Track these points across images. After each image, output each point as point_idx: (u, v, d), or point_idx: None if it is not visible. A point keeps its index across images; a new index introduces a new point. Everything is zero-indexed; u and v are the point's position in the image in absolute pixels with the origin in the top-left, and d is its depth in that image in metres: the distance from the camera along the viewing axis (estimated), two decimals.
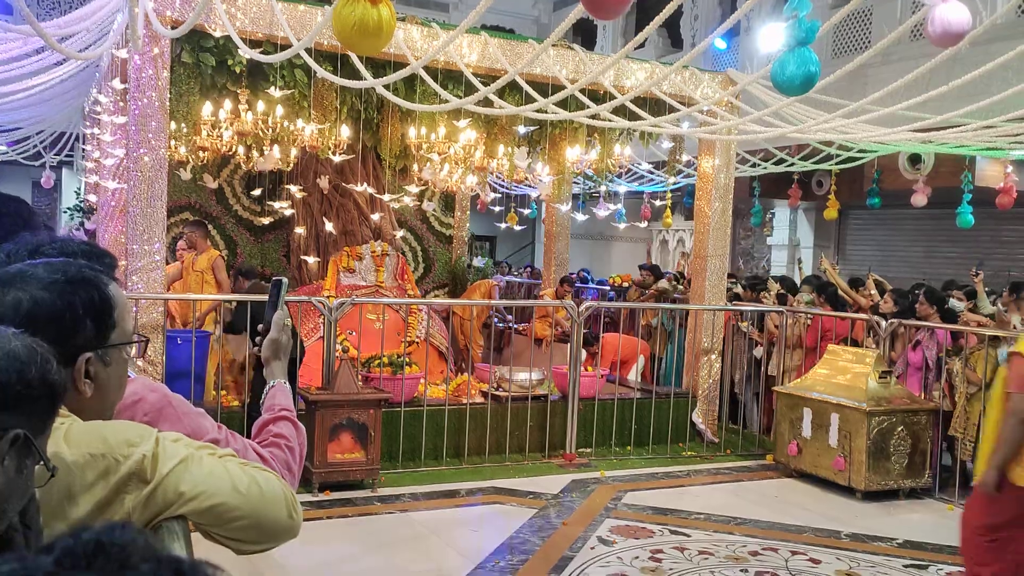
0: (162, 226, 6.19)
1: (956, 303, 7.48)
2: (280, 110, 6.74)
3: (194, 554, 1.38)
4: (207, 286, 7.80)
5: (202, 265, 7.93)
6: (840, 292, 8.27)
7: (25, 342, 1.08)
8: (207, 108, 6.83)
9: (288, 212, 8.29)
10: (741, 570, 4.96)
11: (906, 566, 5.18)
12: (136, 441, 1.38)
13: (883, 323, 7.18)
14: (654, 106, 7.25)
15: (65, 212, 16.51)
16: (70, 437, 1.33)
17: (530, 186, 10.86)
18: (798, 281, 9.65)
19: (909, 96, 5.19)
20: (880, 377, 6.66)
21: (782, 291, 8.72)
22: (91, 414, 1.41)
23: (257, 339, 1.95)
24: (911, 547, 5.54)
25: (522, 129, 7.73)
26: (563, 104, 5.88)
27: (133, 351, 1.53)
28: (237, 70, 6.56)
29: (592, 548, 5.20)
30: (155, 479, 1.37)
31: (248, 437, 1.79)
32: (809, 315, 8.11)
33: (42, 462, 1.08)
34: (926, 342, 6.98)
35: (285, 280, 2.03)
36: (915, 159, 9.95)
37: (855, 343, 7.58)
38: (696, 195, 8.47)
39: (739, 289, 9.47)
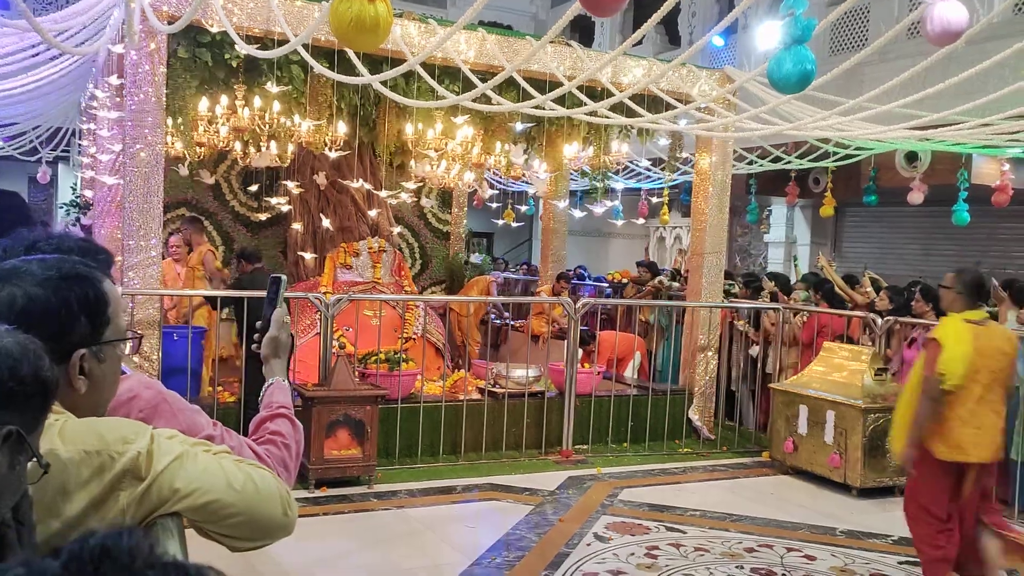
0: (158, 222, 6.18)
1: None
2: (277, 106, 6.72)
3: (188, 551, 1.38)
4: (199, 282, 7.79)
5: (194, 261, 7.92)
6: (836, 289, 8.27)
7: (17, 339, 1.08)
8: (204, 104, 6.82)
9: (285, 208, 8.28)
10: (736, 567, 4.97)
11: (901, 563, 5.19)
12: (131, 438, 1.37)
13: (879, 320, 7.19)
14: (652, 103, 7.25)
15: (61, 208, 16.47)
16: (65, 434, 1.33)
17: (528, 183, 10.85)
18: (793, 278, 9.66)
19: (905, 94, 5.19)
20: (876, 374, 6.67)
21: (775, 289, 8.73)
22: (85, 411, 1.41)
23: (256, 336, 1.95)
24: (906, 544, 5.53)
25: (519, 126, 7.72)
26: (560, 101, 5.88)
27: (127, 348, 1.53)
28: (234, 64, 6.55)
29: (588, 545, 5.21)
30: (150, 476, 1.37)
31: (244, 433, 1.79)
32: (805, 312, 8.11)
33: (35, 459, 1.07)
34: (922, 339, 6.98)
35: (284, 278, 2.03)
36: (911, 157, 9.95)
37: (851, 340, 7.59)
38: (693, 192, 8.48)
39: (736, 290, 9.47)
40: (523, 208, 12.88)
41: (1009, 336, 4.55)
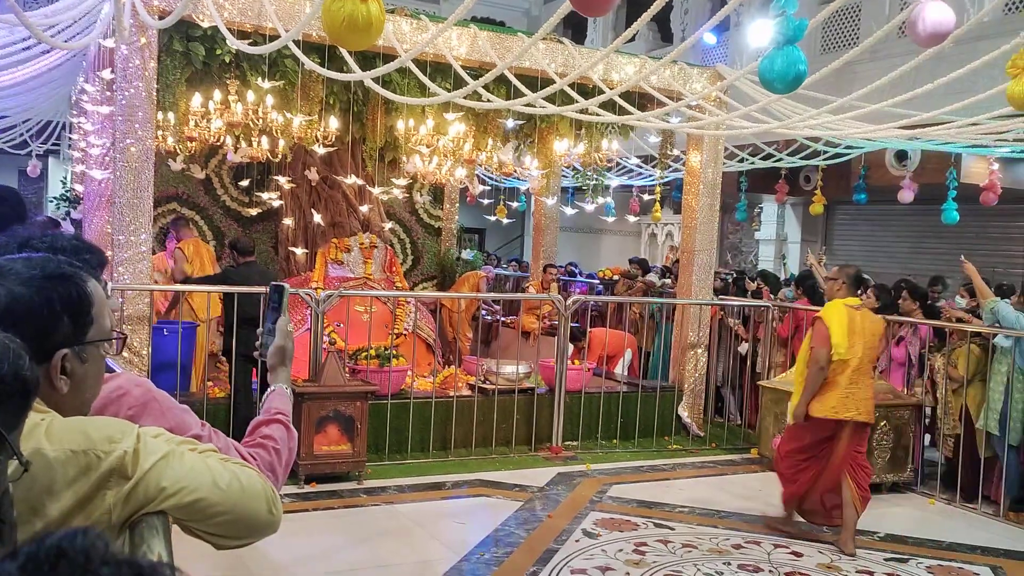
0: (148, 216, 6.16)
1: (959, 299, 7.57)
2: (270, 100, 6.71)
3: (173, 550, 1.38)
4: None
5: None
6: (823, 287, 8.29)
7: None
8: (196, 99, 6.80)
9: (276, 203, 8.26)
10: (724, 563, 4.99)
11: (887, 559, 5.22)
12: (118, 437, 1.37)
13: None
14: (643, 101, 7.26)
15: (51, 201, 16.41)
16: (51, 433, 1.33)
17: (519, 179, 10.85)
18: (783, 276, 9.68)
19: (896, 93, 5.22)
20: None
21: (756, 287, 8.76)
22: (68, 411, 1.41)
23: (257, 344, 2.00)
24: (892, 540, 5.59)
25: (510, 123, 7.72)
26: (552, 98, 5.88)
27: (112, 348, 1.53)
28: (226, 60, 6.53)
29: (577, 541, 5.22)
30: (136, 475, 1.37)
31: (231, 429, 1.80)
32: (791, 310, 8.13)
33: (15, 457, 1.07)
34: (909, 338, 7.02)
35: (287, 286, 2.10)
36: (901, 155, 9.99)
37: None
38: (684, 190, 8.49)
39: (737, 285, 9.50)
40: (515, 204, 12.89)
41: (878, 320, 5.60)
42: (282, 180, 7.88)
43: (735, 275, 10.17)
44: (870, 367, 5.46)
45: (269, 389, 1.92)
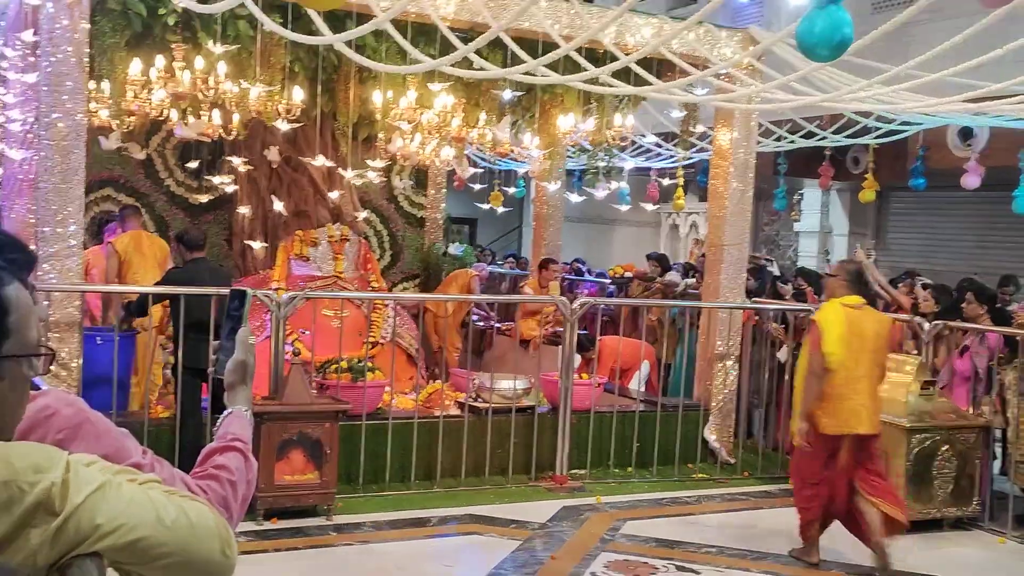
0: (79, 204, 6.16)
1: None
2: (223, 68, 6.71)
3: None
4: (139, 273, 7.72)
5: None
6: (877, 289, 8.29)
7: None
8: (135, 65, 6.79)
9: (230, 189, 8.25)
10: None
11: None
12: (44, 466, 1.37)
13: (926, 325, 7.22)
14: (663, 69, 7.27)
15: None
16: None
17: (517, 160, 10.84)
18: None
19: (960, 60, 5.22)
20: (922, 388, 6.70)
21: (803, 287, 8.76)
22: None
23: (212, 358, 2.01)
24: None
25: (507, 94, 7.73)
26: (555, 65, 5.89)
27: (40, 364, 1.52)
28: (171, 20, 6.53)
29: None
30: (66, 510, 1.37)
31: (178, 457, 1.80)
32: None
33: None
34: (975, 348, 7.03)
35: (250, 292, 2.10)
36: (967, 134, 10.01)
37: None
38: (711, 173, 8.51)
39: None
40: (512, 190, 12.90)
41: (881, 318, 5.84)
42: (237, 161, 7.87)
43: (776, 274, 10.15)
44: (877, 372, 5.66)
45: (226, 411, 1.93)
